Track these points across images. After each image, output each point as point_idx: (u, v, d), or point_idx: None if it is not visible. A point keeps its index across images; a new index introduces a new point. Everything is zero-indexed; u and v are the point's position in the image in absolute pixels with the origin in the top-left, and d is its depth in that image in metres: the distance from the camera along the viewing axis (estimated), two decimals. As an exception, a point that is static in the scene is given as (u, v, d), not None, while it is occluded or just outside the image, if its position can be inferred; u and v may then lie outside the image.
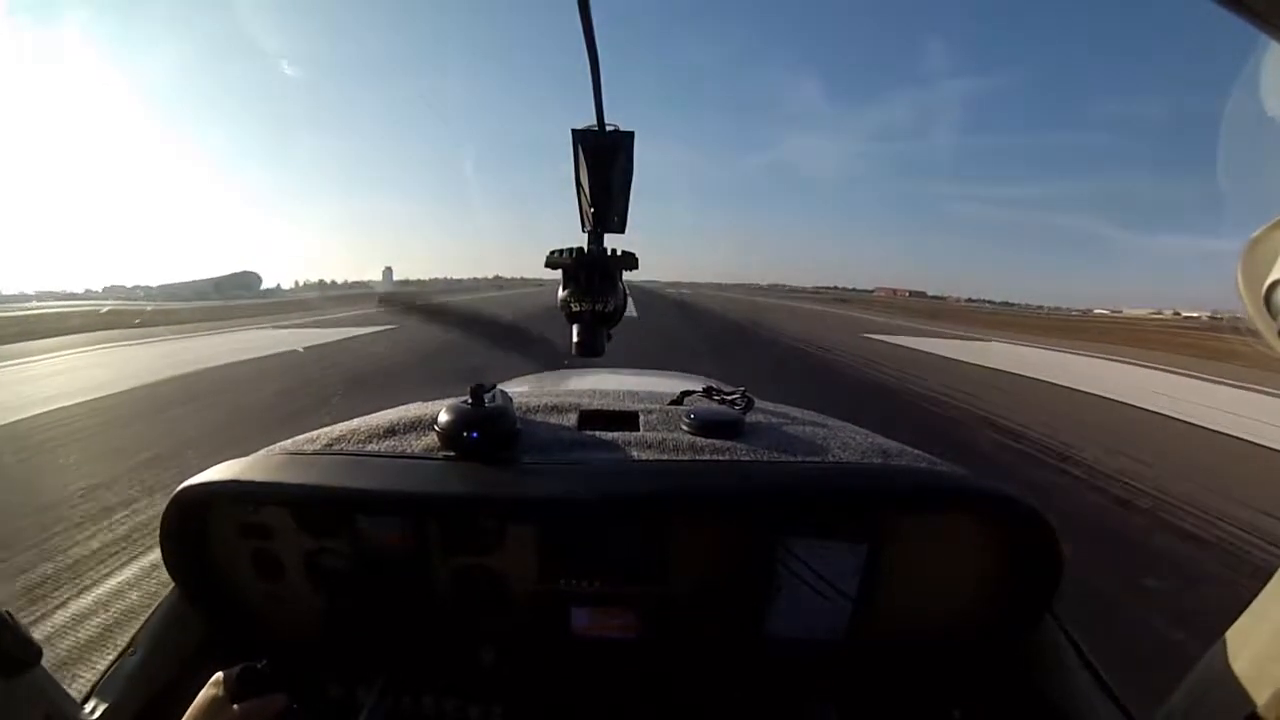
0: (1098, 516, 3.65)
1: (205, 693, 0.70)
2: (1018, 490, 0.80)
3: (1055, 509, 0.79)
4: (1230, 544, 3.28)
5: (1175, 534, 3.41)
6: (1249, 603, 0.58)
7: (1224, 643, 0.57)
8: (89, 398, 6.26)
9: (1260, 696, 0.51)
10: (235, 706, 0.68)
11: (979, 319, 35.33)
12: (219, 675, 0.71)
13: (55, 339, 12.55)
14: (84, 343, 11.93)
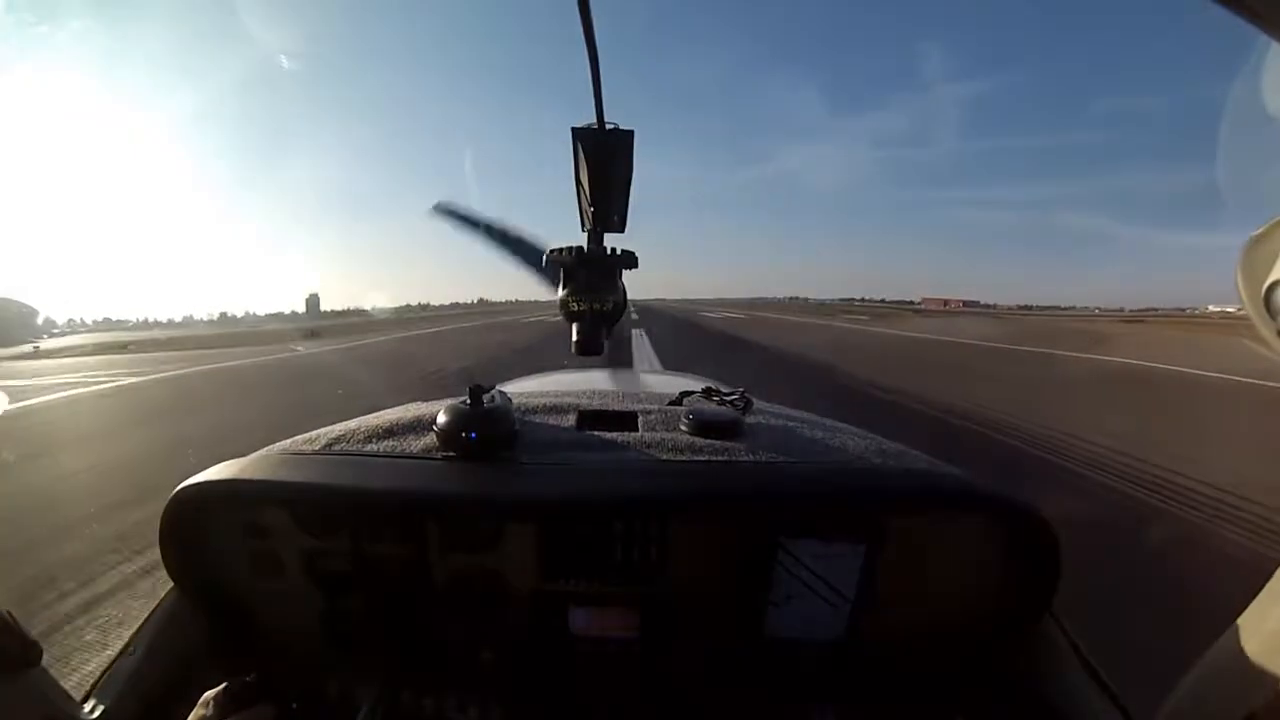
0: None
1: (195, 714, 0.71)
2: (1016, 491, 0.80)
3: None
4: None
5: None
6: (1249, 602, 0.58)
7: (1224, 642, 0.57)
8: None
9: (1261, 697, 0.51)
10: None
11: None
12: (207, 695, 0.72)
13: None
14: None
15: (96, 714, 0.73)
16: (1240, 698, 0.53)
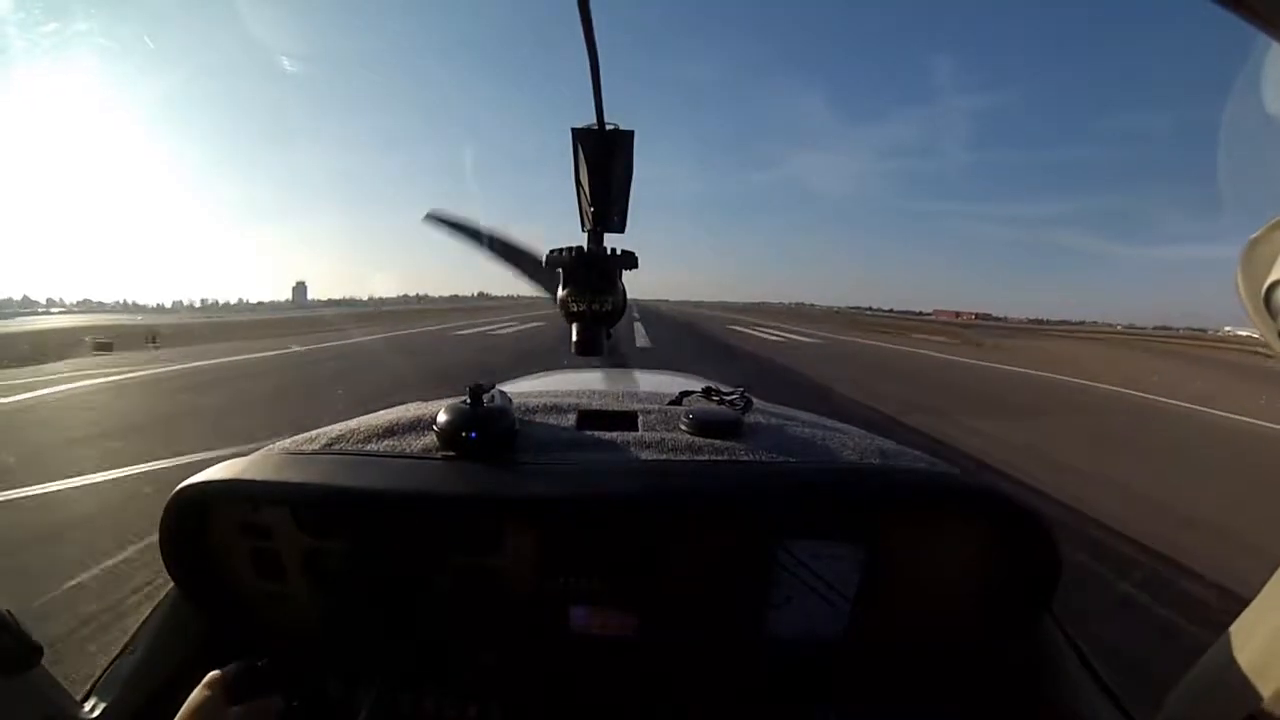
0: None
1: (199, 693, 0.66)
2: (1016, 490, 0.80)
3: None
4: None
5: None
6: (1249, 603, 0.58)
7: (1224, 642, 0.57)
8: None
9: (1261, 697, 0.51)
10: (232, 708, 0.65)
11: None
12: (214, 675, 0.68)
13: None
14: None
15: (97, 713, 0.73)
16: (1240, 698, 0.53)
